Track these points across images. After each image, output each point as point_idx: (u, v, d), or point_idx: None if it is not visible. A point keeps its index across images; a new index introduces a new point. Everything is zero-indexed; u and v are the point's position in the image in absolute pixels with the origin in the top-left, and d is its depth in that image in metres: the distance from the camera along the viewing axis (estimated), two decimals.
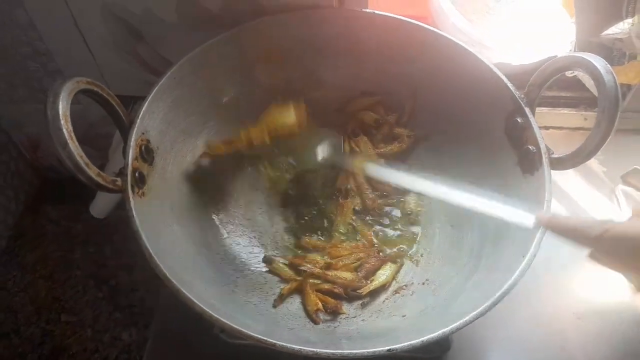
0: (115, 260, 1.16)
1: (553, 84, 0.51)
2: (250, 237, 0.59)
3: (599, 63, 0.44)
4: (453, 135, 0.60)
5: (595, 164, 0.72)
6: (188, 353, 0.57)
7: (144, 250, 0.41)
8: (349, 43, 0.59)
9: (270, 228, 0.61)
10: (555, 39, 0.72)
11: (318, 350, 0.39)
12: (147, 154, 0.48)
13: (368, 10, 0.57)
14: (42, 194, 1.24)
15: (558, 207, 0.66)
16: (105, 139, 0.80)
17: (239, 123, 0.61)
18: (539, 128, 0.50)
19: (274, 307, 0.53)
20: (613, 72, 0.43)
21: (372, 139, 0.64)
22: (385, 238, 0.60)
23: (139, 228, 0.42)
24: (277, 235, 0.60)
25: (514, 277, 0.42)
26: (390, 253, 0.58)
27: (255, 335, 0.39)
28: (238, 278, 0.54)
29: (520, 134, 0.51)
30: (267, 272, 0.57)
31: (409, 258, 0.58)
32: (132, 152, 0.46)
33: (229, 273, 0.54)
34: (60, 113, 0.38)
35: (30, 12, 0.65)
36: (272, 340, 0.39)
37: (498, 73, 0.52)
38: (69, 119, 0.39)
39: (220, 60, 0.56)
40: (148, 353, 0.58)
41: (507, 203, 0.44)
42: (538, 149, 0.49)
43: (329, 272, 0.55)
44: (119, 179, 0.44)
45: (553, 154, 0.49)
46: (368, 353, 0.39)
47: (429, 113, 0.62)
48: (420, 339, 0.40)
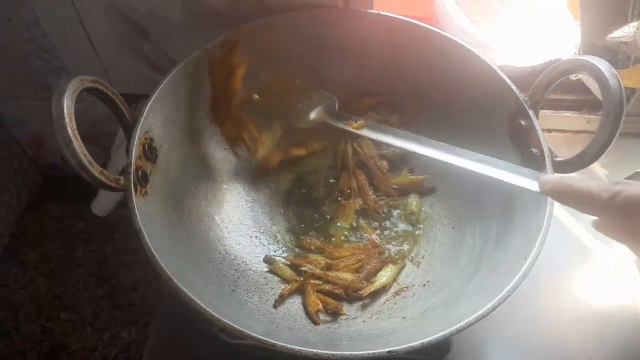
0: (116, 259, 1.16)
1: (557, 87, 0.51)
2: (252, 237, 0.59)
3: (604, 66, 0.44)
4: (455, 137, 0.60)
5: (598, 167, 0.71)
6: (188, 352, 0.57)
7: (146, 249, 0.41)
8: (354, 43, 0.59)
9: (272, 228, 0.61)
10: (560, 42, 0.72)
11: (318, 351, 0.39)
12: (150, 153, 0.48)
13: (373, 11, 0.57)
14: (44, 192, 1.24)
15: (561, 210, 0.66)
16: (109, 137, 0.80)
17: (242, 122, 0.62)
18: (542, 131, 0.50)
19: (275, 307, 0.53)
20: (618, 75, 0.43)
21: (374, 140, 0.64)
22: (387, 239, 0.60)
23: (141, 226, 0.42)
24: (278, 235, 0.60)
25: (516, 279, 0.42)
26: (392, 254, 0.58)
27: (256, 336, 0.39)
28: (239, 278, 0.54)
29: (524, 137, 0.51)
30: (267, 272, 0.57)
31: (410, 260, 0.58)
32: (135, 150, 0.46)
33: (230, 273, 0.54)
34: (65, 111, 0.38)
35: (35, 9, 0.65)
36: (272, 341, 0.39)
37: (502, 75, 0.52)
38: (73, 117, 0.39)
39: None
40: (148, 352, 0.58)
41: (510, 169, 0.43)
42: (541, 152, 0.49)
43: (330, 273, 0.55)
44: (122, 178, 0.44)
45: (556, 157, 0.49)
46: (368, 354, 0.39)
47: (432, 114, 0.62)
48: (420, 341, 0.40)
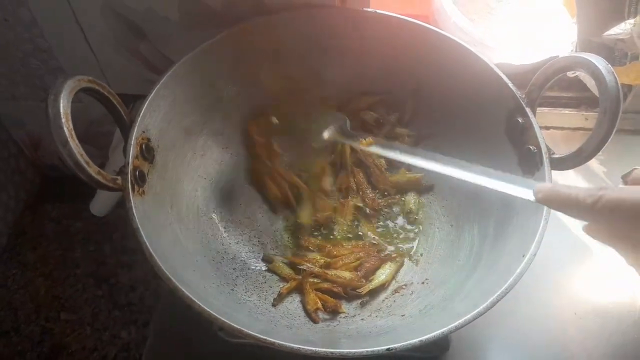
0: (115, 259, 1.16)
1: (554, 84, 0.51)
2: (250, 235, 0.59)
3: (601, 63, 0.44)
4: (453, 135, 0.60)
5: (595, 164, 0.72)
6: (187, 352, 0.57)
7: (144, 249, 0.41)
8: (352, 42, 0.59)
9: (270, 227, 0.61)
10: (557, 39, 0.72)
11: (317, 350, 0.39)
12: (147, 153, 0.48)
13: (369, 10, 0.57)
14: (42, 192, 1.24)
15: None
16: (106, 138, 0.80)
17: (241, 122, 0.62)
18: (540, 128, 0.50)
19: (274, 305, 0.53)
20: (614, 72, 0.43)
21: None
22: (385, 237, 0.60)
23: (139, 226, 0.42)
24: (276, 234, 0.60)
25: (514, 276, 0.42)
26: (390, 252, 0.58)
27: (254, 334, 0.39)
28: (237, 277, 0.54)
29: (521, 134, 0.51)
30: (266, 271, 0.57)
31: (409, 257, 0.58)
32: (132, 150, 0.46)
33: (229, 272, 0.54)
34: (62, 111, 0.38)
35: (32, 9, 0.65)
36: (271, 339, 0.39)
37: (499, 73, 0.52)
38: (70, 118, 0.39)
39: (222, 59, 0.56)
40: (147, 351, 0.58)
41: (506, 179, 0.42)
42: (539, 149, 0.49)
43: (329, 271, 0.55)
44: (119, 178, 0.44)
45: (554, 154, 0.49)
46: (367, 352, 0.39)
47: (430, 113, 0.62)
48: (419, 339, 0.40)
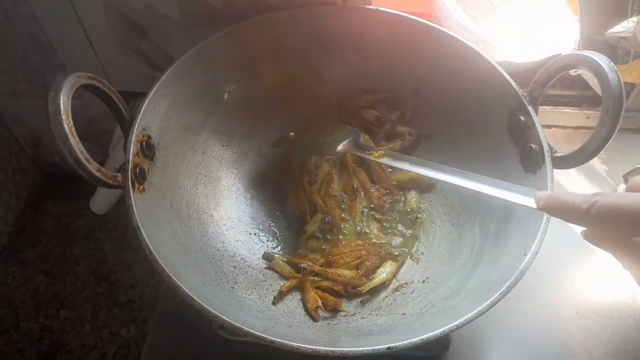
0: (115, 256, 1.16)
1: (556, 83, 0.51)
2: (250, 233, 0.59)
3: (604, 61, 0.43)
4: (455, 134, 0.60)
5: (597, 163, 0.71)
6: (187, 349, 0.57)
7: (144, 246, 0.41)
8: (353, 40, 0.59)
9: (271, 225, 0.61)
10: (559, 37, 0.72)
11: (317, 348, 0.39)
12: (147, 150, 0.48)
13: (372, 7, 0.56)
14: (43, 190, 1.24)
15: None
16: (106, 135, 0.80)
17: (241, 120, 0.61)
18: (542, 127, 0.49)
19: (274, 304, 0.53)
20: (617, 70, 0.43)
21: (374, 137, 0.64)
22: (387, 235, 0.60)
23: (139, 224, 0.42)
24: (277, 232, 0.60)
25: (515, 275, 0.42)
26: (391, 251, 0.58)
27: (254, 332, 0.39)
28: (237, 275, 0.54)
29: (523, 133, 0.51)
30: (266, 269, 0.57)
31: (410, 256, 0.58)
32: (132, 147, 0.45)
33: (229, 270, 0.54)
34: (62, 108, 0.38)
35: (33, 5, 0.65)
36: (271, 338, 0.39)
37: (501, 71, 0.52)
38: (70, 114, 0.39)
39: (223, 57, 0.56)
40: (147, 349, 0.58)
41: (509, 188, 0.43)
42: (541, 148, 0.48)
43: (329, 269, 0.55)
44: (120, 175, 0.44)
45: (556, 153, 0.48)
46: (367, 351, 0.39)
47: (432, 111, 0.62)
48: (420, 337, 0.39)
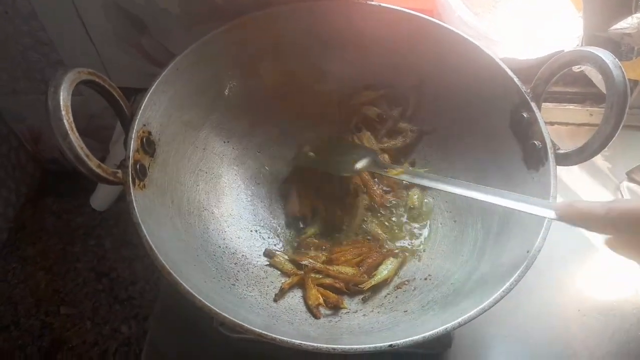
0: (116, 253, 1.16)
1: (559, 79, 0.51)
2: (251, 230, 0.59)
3: (608, 58, 0.43)
4: (457, 130, 0.60)
5: (600, 160, 0.71)
6: (187, 346, 0.57)
7: (144, 243, 0.41)
8: (354, 35, 0.59)
9: (272, 221, 0.60)
10: (562, 34, 0.72)
11: (318, 345, 0.39)
12: (148, 146, 0.48)
13: (373, 3, 0.56)
14: (43, 187, 1.24)
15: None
16: (107, 131, 0.80)
17: (242, 116, 0.61)
18: (545, 123, 0.49)
19: (275, 301, 0.53)
20: (622, 67, 0.43)
21: (375, 134, 0.64)
22: (389, 233, 0.60)
23: (140, 220, 0.42)
24: (278, 229, 0.60)
25: (518, 272, 0.42)
26: (393, 248, 0.58)
27: (256, 330, 0.39)
28: (239, 272, 0.54)
29: (526, 129, 0.50)
30: (268, 266, 0.56)
31: (411, 253, 0.58)
32: (133, 143, 0.45)
33: (230, 267, 0.54)
34: (61, 104, 0.38)
35: (33, 1, 0.65)
36: (272, 335, 0.39)
37: (504, 67, 0.52)
38: (70, 110, 0.38)
39: (223, 53, 0.56)
40: (147, 346, 0.58)
41: (527, 200, 0.43)
42: (544, 145, 0.48)
43: (331, 266, 0.55)
44: (120, 171, 0.43)
45: (559, 150, 0.48)
46: (369, 348, 0.39)
47: (434, 107, 0.61)
48: (422, 335, 0.39)
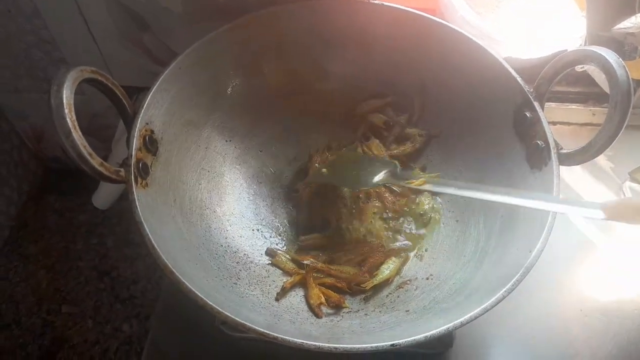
0: (117, 252, 1.16)
1: (562, 79, 0.50)
2: (253, 229, 0.59)
3: (612, 57, 0.43)
4: (459, 130, 0.60)
5: (603, 160, 0.71)
6: (189, 345, 0.57)
7: (147, 242, 0.41)
8: (357, 34, 0.59)
9: (274, 221, 0.60)
10: (566, 33, 0.71)
11: (320, 345, 0.39)
12: (150, 145, 0.48)
13: (376, 2, 0.56)
14: (45, 185, 1.24)
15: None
16: (109, 130, 0.80)
17: (244, 115, 0.61)
18: (548, 123, 0.49)
19: (277, 300, 0.53)
20: (626, 66, 0.42)
21: (383, 142, 0.64)
22: (395, 235, 0.59)
23: (142, 219, 0.42)
24: (280, 228, 0.60)
25: (520, 272, 0.42)
26: (395, 248, 0.58)
27: (257, 329, 0.39)
28: (240, 271, 0.54)
29: (529, 129, 0.50)
30: (269, 265, 0.56)
31: (413, 253, 0.58)
32: (135, 142, 0.45)
33: (232, 266, 0.54)
34: (64, 102, 0.38)
35: (36, 0, 0.65)
36: (273, 334, 0.39)
37: (507, 67, 0.52)
38: (73, 108, 0.38)
39: (226, 51, 0.56)
40: (149, 345, 0.58)
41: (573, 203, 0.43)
42: (547, 144, 0.48)
43: (332, 266, 0.55)
44: (122, 170, 0.43)
45: (562, 149, 0.48)
46: (371, 348, 0.39)
47: (438, 109, 0.61)
48: (424, 334, 0.39)
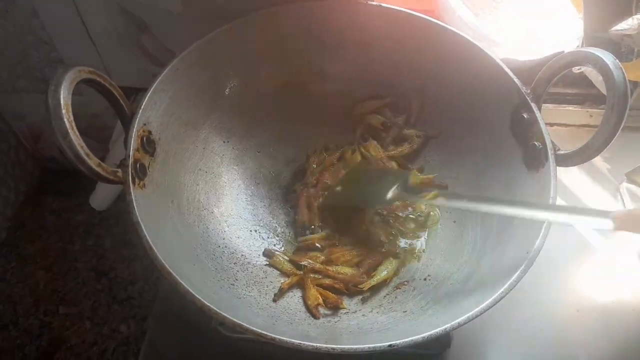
0: (115, 253, 1.16)
1: (559, 81, 0.51)
2: (251, 230, 0.59)
3: (609, 59, 0.43)
4: (457, 132, 0.60)
5: (600, 161, 0.71)
6: (186, 346, 0.57)
7: (144, 242, 0.41)
8: (355, 35, 0.59)
9: (271, 221, 0.60)
10: (562, 35, 0.72)
11: (318, 345, 0.39)
12: (148, 145, 0.48)
13: (374, 3, 0.56)
14: (42, 185, 1.24)
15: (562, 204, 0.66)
16: (107, 131, 0.80)
17: (242, 116, 0.61)
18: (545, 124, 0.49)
19: (274, 301, 0.53)
20: (622, 68, 0.43)
21: (381, 143, 0.64)
22: (394, 237, 0.59)
23: (139, 220, 0.42)
24: (278, 229, 0.60)
25: (518, 273, 0.42)
26: (392, 248, 0.58)
27: (255, 329, 0.39)
28: (238, 272, 0.54)
29: (526, 130, 0.51)
30: (267, 265, 0.56)
31: (411, 254, 0.58)
32: (133, 143, 0.45)
33: (229, 266, 0.54)
34: (62, 102, 0.38)
35: (34, 0, 0.65)
36: (271, 335, 0.39)
37: (505, 68, 0.52)
38: (70, 109, 0.38)
39: (224, 52, 0.56)
40: (146, 346, 0.57)
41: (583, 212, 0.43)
42: (544, 146, 0.48)
43: (330, 267, 0.55)
44: (120, 170, 0.43)
45: (559, 151, 0.48)
46: (368, 349, 0.39)
47: (436, 110, 0.61)
48: (421, 335, 0.39)
